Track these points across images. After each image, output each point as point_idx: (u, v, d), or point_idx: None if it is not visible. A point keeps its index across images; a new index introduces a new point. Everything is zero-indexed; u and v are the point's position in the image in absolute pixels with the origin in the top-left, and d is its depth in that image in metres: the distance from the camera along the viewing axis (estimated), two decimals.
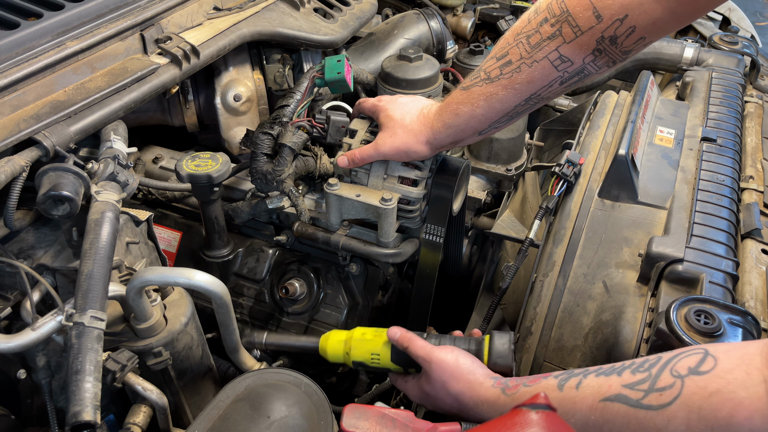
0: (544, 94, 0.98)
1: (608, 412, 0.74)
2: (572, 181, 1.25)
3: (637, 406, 0.72)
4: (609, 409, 0.74)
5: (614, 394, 0.75)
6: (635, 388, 0.74)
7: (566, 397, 0.79)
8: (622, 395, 0.74)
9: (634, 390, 0.74)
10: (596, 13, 0.87)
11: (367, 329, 1.08)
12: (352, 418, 0.81)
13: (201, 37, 1.25)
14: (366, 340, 1.05)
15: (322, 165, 1.29)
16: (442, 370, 0.95)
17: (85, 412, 0.77)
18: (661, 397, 0.71)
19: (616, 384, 0.76)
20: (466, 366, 0.94)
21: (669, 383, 0.72)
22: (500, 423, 0.62)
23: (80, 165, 0.95)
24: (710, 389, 0.69)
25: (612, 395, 0.75)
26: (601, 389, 0.76)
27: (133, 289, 0.89)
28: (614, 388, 0.75)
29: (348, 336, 1.07)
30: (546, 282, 1.13)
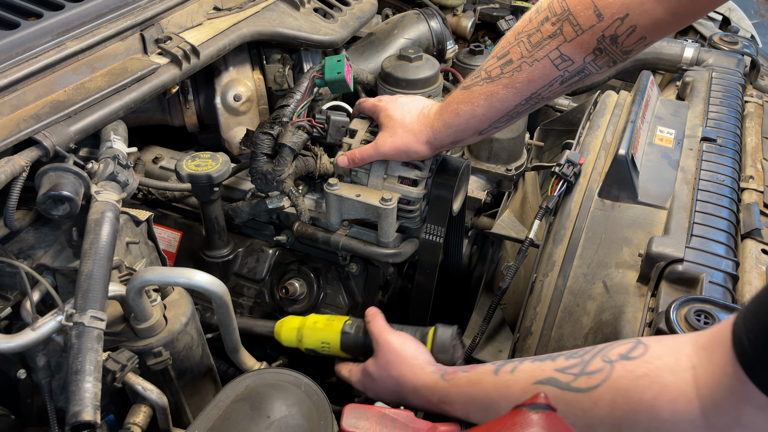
0: (545, 93, 0.98)
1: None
2: (572, 181, 1.25)
3: (566, 388, 0.74)
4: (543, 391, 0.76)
5: (546, 378, 0.77)
6: (566, 372, 0.76)
7: (501, 380, 0.82)
8: (554, 378, 0.76)
9: (565, 374, 0.76)
10: (597, 12, 0.87)
11: (319, 317, 1.14)
12: (352, 418, 0.81)
13: (201, 37, 1.25)
14: (317, 329, 1.11)
15: (322, 165, 1.29)
16: (388, 351, 1.00)
17: (85, 412, 0.77)
18: (590, 380, 0.73)
19: (549, 368, 0.78)
20: (410, 350, 1.00)
21: (599, 368, 0.74)
22: (500, 423, 0.62)
23: (80, 165, 0.95)
24: (638, 373, 0.70)
25: (544, 378, 0.77)
26: (534, 373, 0.79)
27: (133, 289, 0.89)
28: (547, 372, 0.78)
29: (301, 323, 1.13)
30: (546, 282, 1.13)
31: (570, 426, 0.60)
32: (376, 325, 1.06)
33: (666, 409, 0.68)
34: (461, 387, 0.88)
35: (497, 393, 0.82)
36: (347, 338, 1.10)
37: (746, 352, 0.62)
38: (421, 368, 0.96)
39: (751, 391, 0.62)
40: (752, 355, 0.61)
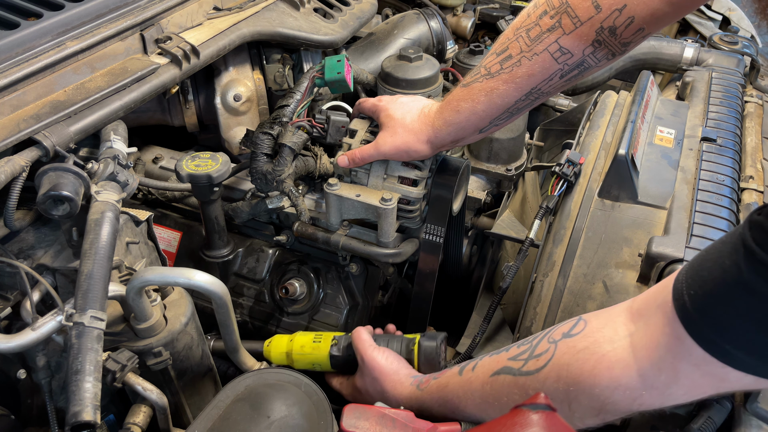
0: (545, 88, 0.98)
1: (497, 384, 0.81)
2: (572, 180, 1.25)
3: (518, 374, 0.79)
4: (498, 382, 0.81)
5: (501, 368, 0.82)
6: (517, 359, 0.80)
7: (464, 379, 0.87)
8: (507, 367, 0.81)
9: (516, 360, 0.80)
10: (595, 4, 0.87)
11: (305, 339, 1.17)
12: (352, 418, 0.81)
13: (201, 37, 1.25)
14: (305, 354, 1.16)
15: (322, 165, 1.29)
16: (372, 369, 1.05)
17: (85, 412, 0.77)
18: (537, 362, 0.78)
19: (503, 359, 0.82)
20: (393, 367, 1.05)
21: (545, 349, 0.78)
22: (500, 423, 0.62)
23: (80, 165, 0.95)
24: (578, 347, 0.75)
25: (499, 369, 0.82)
26: (491, 366, 0.83)
27: (133, 289, 0.89)
28: (501, 362, 0.82)
29: (288, 348, 1.17)
30: (546, 282, 1.13)
31: (569, 426, 0.60)
32: (361, 342, 1.10)
33: (604, 376, 0.72)
34: (433, 393, 0.93)
35: (463, 391, 0.86)
36: (336, 360, 1.15)
37: (686, 307, 0.65)
38: (401, 383, 1.02)
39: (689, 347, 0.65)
40: (692, 311, 0.64)
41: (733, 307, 0.61)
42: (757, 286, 0.59)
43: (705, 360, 0.65)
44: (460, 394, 0.87)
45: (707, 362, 0.65)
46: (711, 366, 0.65)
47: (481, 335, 1.25)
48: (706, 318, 0.63)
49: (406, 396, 0.99)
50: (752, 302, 0.60)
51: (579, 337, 0.76)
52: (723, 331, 0.63)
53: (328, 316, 1.33)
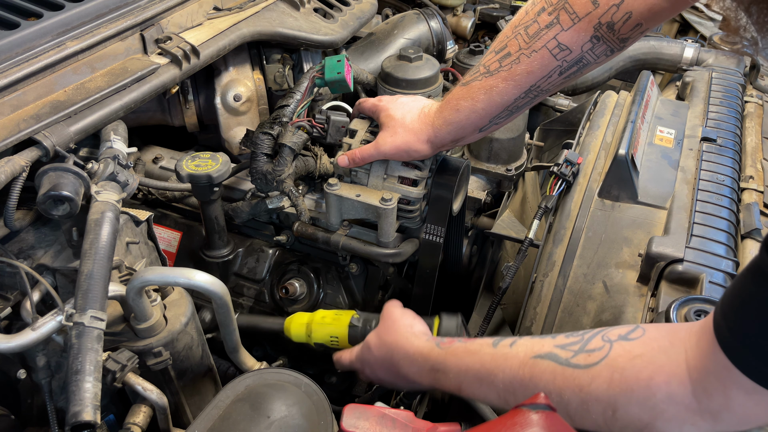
0: (544, 85, 0.98)
1: (537, 367, 0.76)
2: (570, 180, 1.25)
3: (565, 364, 0.75)
4: (538, 366, 0.76)
5: (546, 353, 0.77)
6: (566, 348, 0.76)
7: (499, 352, 0.82)
8: (553, 353, 0.76)
9: (565, 350, 0.76)
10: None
11: (327, 312, 1.16)
12: (352, 418, 0.81)
13: (201, 37, 1.25)
14: (325, 324, 1.13)
15: (322, 165, 1.29)
16: (386, 318, 1.02)
17: (85, 412, 0.77)
18: (589, 357, 0.74)
19: (548, 344, 0.78)
20: (408, 320, 1.00)
21: (598, 346, 0.74)
22: (500, 423, 0.62)
23: (80, 165, 0.95)
24: (635, 353, 0.72)
25: (543, 353, 0.77)
26: (533, 348, 0.79)
27: (133, 289, 0.89)
28: (546, 347, 0.78)
29: (309, 319, 1.15)
30: (546, 282, 1.13)
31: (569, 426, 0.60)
32: (388, 304, 1.07)
33: (662, 389, 0.69)
34: (458, 355, 0.87)
35: (494, 364, 0.81)
36: (355, 331, 1.11)
37: (727, 338, 0.63)
38: (415, 336, 0.96)
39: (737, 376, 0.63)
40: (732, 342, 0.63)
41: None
42: None
43: (755, 389, 0.63)
44: (490, 366, 0.82)
45: (758, 391, 0.63)
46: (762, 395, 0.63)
47: (481, 335, 1.25)
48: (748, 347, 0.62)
49: (420, 350, 0.92)
50: None
51: (636, 343, 0.73)
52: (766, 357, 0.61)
53: None
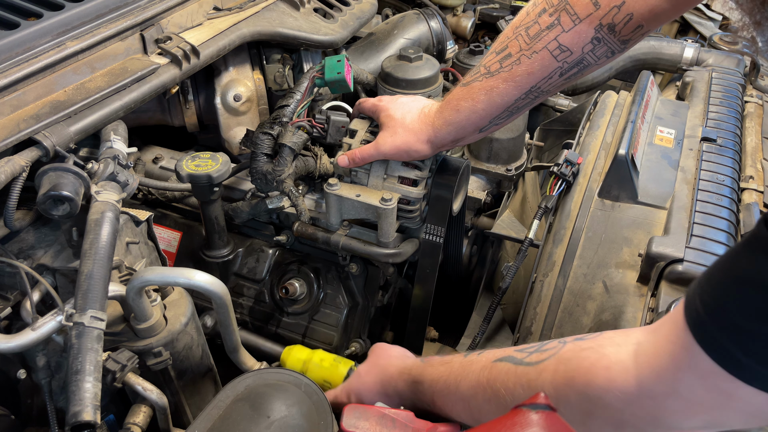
0: (545, 86, 0.98)
1: (496, 369, 0.80)
2: (570, 180, 1.25)
3: (519, 363, 0.78)
4: (496, 367, 0.80)
5: (505, 356, 0.81)
6: (524, 351, 0.80)
7: (467, 360, 0.87)
8: (511, 356, 0.80)
9: (522, 352, 0.80)
10: (594, 1, 0.88)
11: (326, 356, 1.16)
12: (352, 417, 0.81)
13: (201, 37, 1.25)
14: (323, 367, 1.14)
15: (322, 165, 1.29)
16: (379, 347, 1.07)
17: (85, 412, 0.77)
18: (541, 355, 0.77)
19: (510, 349, 0.82)
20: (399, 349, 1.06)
21: (552, 346, 0.77)
22: (500, 423, 0.62)
23: (80, 165, 0.95)
24: (584, 347, 0.73)
25: (503, 356, 0.81)
26: (495, 354, 0.83)
27: (133, 289, 0.89)
28: (507, 352, 0.82)
29: (308, 357, 1.15)
30: (546, 282, 1.13)
31: (569, 426, 0.60)
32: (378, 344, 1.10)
33: (600, 375, 0.69)
34: (434, 365, 0.91)
35: (461, 371, 0.85)
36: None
37: (697, 312, 0.61)
38: (406, 357, 1.03)
39: (696, 356, 0.61)
40: (703, 315, 0.60)
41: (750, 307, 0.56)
42: None
43: (712, 371, 0.60)
44: (458, 372, 0.86)
45: (714, 374, 0.59)
46: (718, 379, 0.59)
47: (481, 335, 1.25)
48: (719, 321, 0.59)
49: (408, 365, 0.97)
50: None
51: (588, 340, 0.74)
52: (736, 335, 0.57)
53: (328, 316, 1.33)
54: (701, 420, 0.65)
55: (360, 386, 1.02)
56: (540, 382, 0.74)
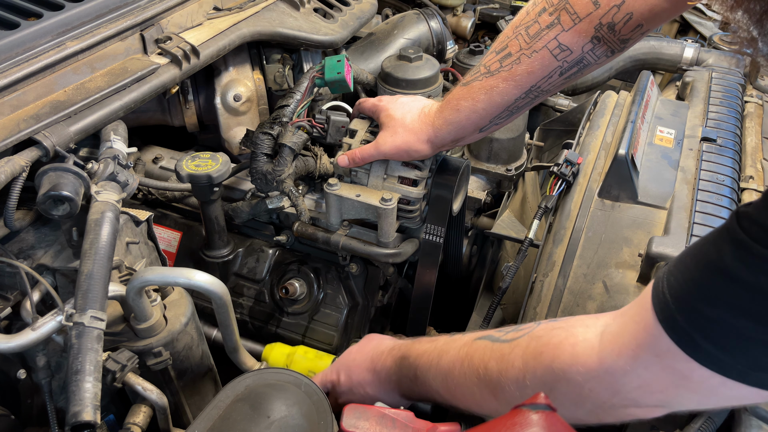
0: (544, 86, 0.98)
1: (474, 346, 0.85)
2: (570, 180, 1.25)
3: (496, 340, 0.83)
4: (476, 345, 0.85)
5: (485, 335, 0.86)
6: (502, 330, 0.85)
7: (452, 338, 0.91)
8: (490, 335, 0.85)
9: (501, 331, 0.84)
10: (594, 0, 0.88)
11: (310, 350, 1.19)
12: (352, 417, 0.81)
13: (201, 37, 1.25)
14: (308, 358, 1.16)
15: (322, 165, 1.29)
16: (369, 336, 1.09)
17: (85, 412, 0.77)
18: (517, 333, 0.81)
19: (491, 330, 0.87)
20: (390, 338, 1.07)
21: (528, 326, 0.81)
22: (500, 423, 0.62)
23: (80, 165, 0.95)
24: (556, 326, 0.77)
25: (483, 335, 0.86)
26: (477, 333, 0.88)
27: (133, 289, 0.89)
28: (488, 332, 0.86)
29: (291, 351, 1.17)
30: (546, 282, 1.13)
31: (569, 426, 0.60)
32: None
33: (566, 351, 0.72)
34: (421, 342, 0.95)
35: (444, 348, 0.89)
36: None
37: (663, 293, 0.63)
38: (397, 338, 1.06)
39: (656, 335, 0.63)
40: (668, 296, 0.63)
41: (711, 293, 0.59)
42: (739, 272, 0.56)
43: (670, 351, 0.62)
44: (441, 348, 0.90)
45: (671, 354, 0.62)
46: (674, 359, 0.62)
47: None
48: (681, 304, 0.61)
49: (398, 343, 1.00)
50: (732, 289, 0.57)
51: (561, 320, 0.78)
52: (695, 318, 0.60)
53: (328, 316, 1.33)
54: (657, 399, 0.68)
55: (350, 362, 1.03)
56: (512, 357, 0.77)
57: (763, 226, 0.55)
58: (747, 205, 0.59)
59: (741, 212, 0.59)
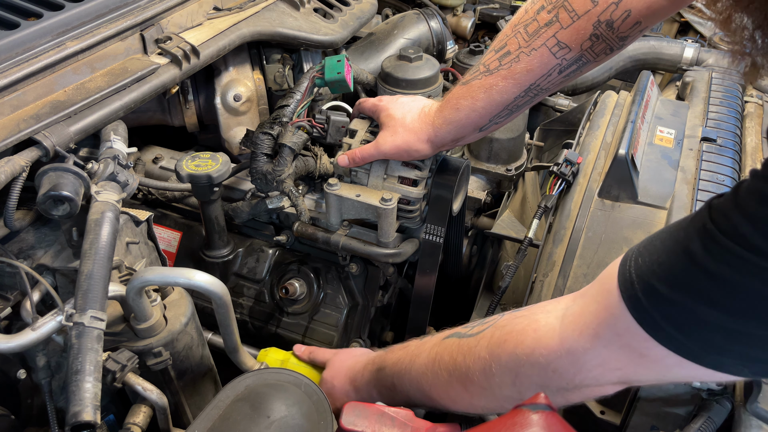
0: (544, 84, 0.98)
1: (443, 345, 0.86)
2: (570, 180, 1.25)
3: (463, 336, 0.84)
4: (444, 344, 0.87)
5: (452, 333, 0.87)
6: (468, 326, 0.86)
7: (422, 342, 0.92)
8: (458, 332, 0.86)
9: (467, 327, 0.86)
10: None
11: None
12: (351, 416, 0.81)
13: (201, 37, 1.25)
14: (301, 366, 1.16)
15: (322, 165, 1.29)
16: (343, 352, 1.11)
17: (85, 412, 0.77)
18: (482, 327, 0.83)
19: (458, 327, 0.88)
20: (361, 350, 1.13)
21: (493, 318, 0.83)
22: (500, 423, 0.62)
23: (80, 165, 0.95)
24: (518, 315, 0.79)
25: (450, 333, 0.88)
26: (445, 333, 0.89)
27: (133, 289, 0.89)
28: (455, 329, 0.88)
29: (285, 357, 1.17)
30: (546, 282, 1.13)
31: (569, 425, 0.60)
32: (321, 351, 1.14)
33: (529, 336, 0.74)
34: (394, 351, 0.97)
35: (416, 350, 0.91)
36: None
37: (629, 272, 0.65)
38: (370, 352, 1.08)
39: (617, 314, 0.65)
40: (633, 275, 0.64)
41: (676, 277, 0.61)
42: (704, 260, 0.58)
43: (629, 329, 0.64)
44: (413, 352, 0.92)
45: (631, 332, 0.64)
46: (633, 337, 0.64)
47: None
48: (645, 284, 0.63)
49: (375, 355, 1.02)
50: (695, 275, 0.59)
51: (524, 309, 0.80)
52: (657, 298, 0.62)
53: (328, 316, 1.33)
54: (616, 376, 0.70)
55: (329, 389, 1.05)
56: (478, 349, 0.79)
57: (729, 219, 0.57)
58: (719, 196, 0.61)
59: (713, 204, 0.61)
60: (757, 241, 0.54)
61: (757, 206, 0.55)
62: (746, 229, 0.55)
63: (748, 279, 0.56)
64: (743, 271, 0.56)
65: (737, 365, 0.61)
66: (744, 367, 0.62)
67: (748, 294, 0.56)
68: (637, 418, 0.96)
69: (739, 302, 0.57)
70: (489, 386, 0.78)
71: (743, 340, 0.59)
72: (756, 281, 0.55)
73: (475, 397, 0.82)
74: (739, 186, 0.59)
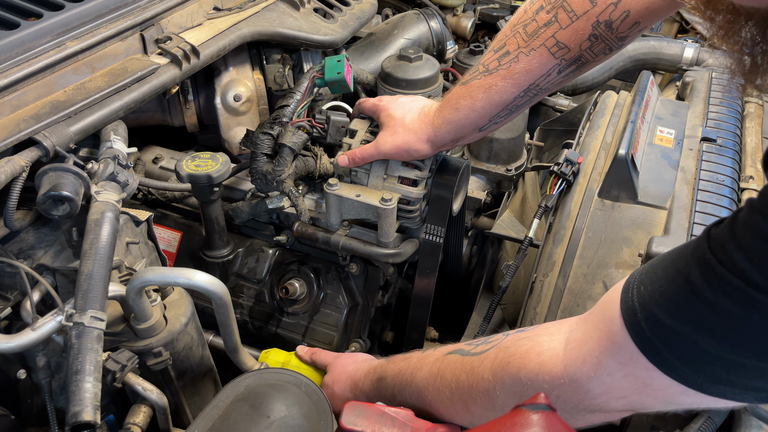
0: (543, 84, 0.98)
1: (446, 361, 0.86)
2: (571, 179, 1.25)
3: (466, 354, 0.84)
4: (447, 360, 0.86)
5: (455, 349, 0.86)
6: (472, 344, 0.85)
7: (424, 355, 0.92)
8: (461, 349, 0.86)
9: (470, 345, 0.85)
10: None
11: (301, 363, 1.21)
12: (351, 415, 0.81)
13: (201, 37, 1.25)
14: (302, 368, 1.16)
15: (322, 165, 1.29)
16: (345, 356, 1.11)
17: (85, 412, 0.77)
18: (486, 346, 0.82)
19: (461, 344, 0.88)
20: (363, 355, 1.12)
21: (497, 338, 0.82)
22: (500, 423, 0.62)
23: (80, 165, 0.95)
24: (522, 336, 0.78)
25: (453, 350, 0.87)
26: (448, 348, 0.89)
27: (133, 289, 0.89)
28: (458, 346, 0.87)
29: (286, 360, 1.17)
30: (546, 282, 1.13)
31: (569, 426, 0.60)
32: (323, 354, 1.14)
33: (533, 361, 0.73)
34: (395, 361, 0.96)
35: (418, 365, 0.90)
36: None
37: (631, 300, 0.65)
38: (372, 359, 1.08)
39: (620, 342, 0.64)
40: (636, 303, 0.64)
41: (677, 306, 0.60)
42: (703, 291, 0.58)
43: (632, 358, 0.64)
44: (415, 365, 0.91)
45: (634, 361, 0.63)
46: (636, 366, 0.64)
47: (481, 335, 1.25)
48: (647, 312, 0.62)
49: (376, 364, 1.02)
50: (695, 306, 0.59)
51: (528, 331, 0.79)
52: (659, 328, 0.62)
53: (328, 316, 1.33)
54: (621, 404, 0.69)
55: (330, 395, 1.05)
56: (481, 369, 0.78)
57: (727, 252, 0.57)
58: (717, 224, 0.61)
59: (711, 233, 0.60)
60: (754, 275, 0.54)
61: (752, 240, 0.55)
62: (743, 264, 0.55)
63: (747, 311, 0.55)
64: (742, 304, 0.55)
65: (740, 394, 0.61)
66: (747, 395, 0.61)
67: (748, 326, 0.56)
68: (638, 418, 0.96)
69: (738, 334, 0.57)
70: (492, 407, 0.78)
71: (743, 371, 0.58)
72: (755, 314, 0.55)
73: (476, 416, 0.81)
74: (736, 216, 0.58)
